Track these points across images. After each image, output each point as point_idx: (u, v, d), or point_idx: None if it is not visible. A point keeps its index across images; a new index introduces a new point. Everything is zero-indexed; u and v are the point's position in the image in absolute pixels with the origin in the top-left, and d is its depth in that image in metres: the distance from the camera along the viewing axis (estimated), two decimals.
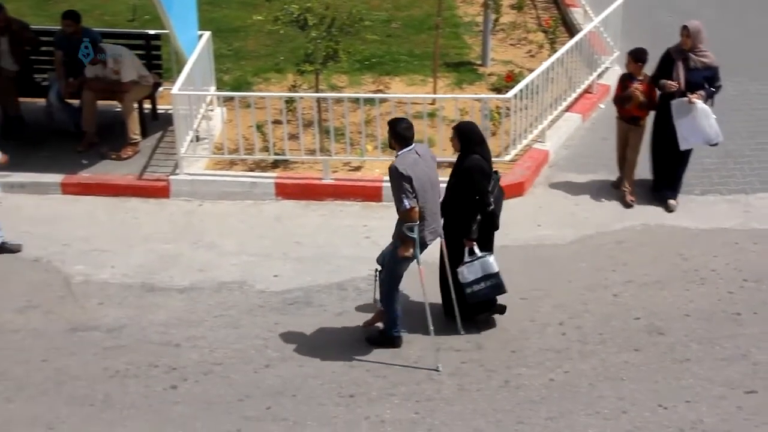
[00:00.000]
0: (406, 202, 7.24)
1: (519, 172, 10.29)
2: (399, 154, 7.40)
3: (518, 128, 10.43)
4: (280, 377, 7.61)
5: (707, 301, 8.49)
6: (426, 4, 14.34)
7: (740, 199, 10.07)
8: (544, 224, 9.65)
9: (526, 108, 10.46)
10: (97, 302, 8.50)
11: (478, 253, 7.75)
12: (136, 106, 10.76)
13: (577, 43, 11.29)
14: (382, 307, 7.91)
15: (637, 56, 9.63)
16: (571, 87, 11.45)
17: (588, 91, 11.89)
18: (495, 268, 7.77)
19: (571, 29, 13.45)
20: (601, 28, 12.16)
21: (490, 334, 8.07)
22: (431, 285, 7.92)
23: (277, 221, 9.77)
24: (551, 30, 13.47)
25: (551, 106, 11.03)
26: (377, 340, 7.93)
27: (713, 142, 9.65)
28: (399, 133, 7.41)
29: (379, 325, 8.04)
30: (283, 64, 12.49)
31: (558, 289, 8.65)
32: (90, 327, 8.18)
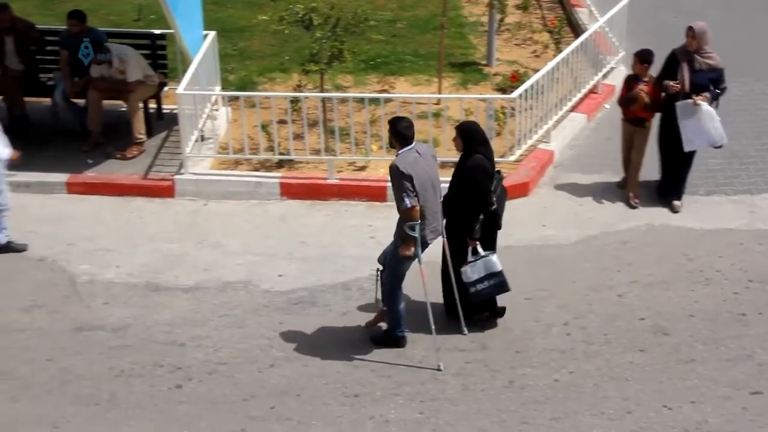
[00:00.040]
0: (407, 201, 7.24)
1: (524, 172, 10.28)
2: (399, 153, 7.40)
3: (523, 128, 10.42)
4: (284, 377, 7.62)
5: (712, 301, 8.48)
6: (431, 4, 14.34)
7: (745, 200, 10.05)
8: (549, 224, 9.64)
9: (531, 108, 10.46)
10: (102, 302, 8.52)
11: (481, 252, 7.75)
12: (142, 105, 10.77)
13: (582, 43, 11.27)
14: (385, 307, 7.92)
15: (643, 57, 9.60)
16: (576, 87, 11.44)
17: (593, 91, 11.88)
18: (498, 267, 7.77)
19: (577, 29, 13.44)
20: (607, 29, 12.14)
21: (495, 335, 8.07)
22: (433, 284, 7.91)
23: (282, 221, 9.78)
24: (556, 30, 13.45)
25: (556, 106, 11.02)
26: (381, 340, 7.93)
27: (717, 145, 9.62)
28: (399, 132, 7.41)
29: (381, 325, 8.04)
30: (288, 64, 12.50)
31: (563, 289, 8.64)
32: (95, 326, 8.19)
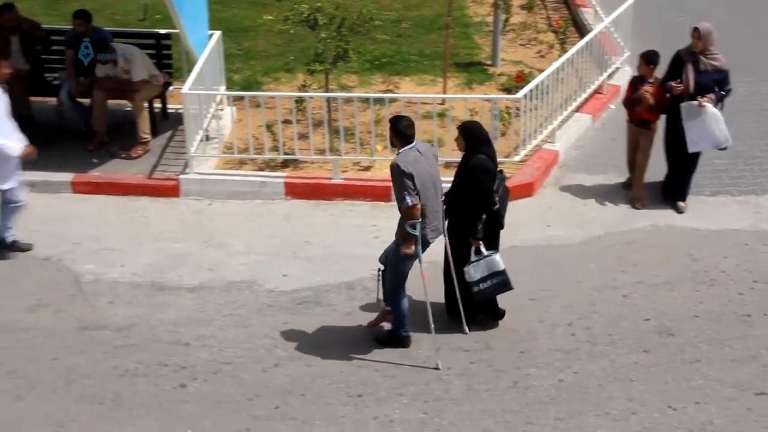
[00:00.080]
0: (408, 200, 7.25)
1: (528, 172, 10.27)
2: (400, 152, 7.41)
3: (528, 128, 10.41)
4: (288, 376, 7.62)
5: (717, 302, 8.47)
6: (436, 4, 14.34)
7: (750, 200, 10.03)
8: (554, 225, 9.63)
9: (536, 108, 10.45)
10: (107, 301, 8.53)
11: (484, 252, 7.75)
12: (147, 105, 10.79)
13: (587, 43, 11.27)
14: (387, 306, 7.92)
15: (649, 58, 9.58)
16: (581, 87, 11.43)
17: (598, 91, 11.86)
18: (501, 266, 7.77)
19: (582, 29, 13.42)
20: (612, 29, 12.12)
21: (499, 335, 8.07)
22: (435, 284, 7.92)
23: (287, 221, 9.78)
24: (561, 30, 13.45)
25: (561, 106, 11.00)
26: (386, 340, 7.93)
27: (722, 146, 9.59)
28: (400, 131, 7.42)
29: (383, 325, 8.05)
30: (293, 64, 12.50)
31: (567, 289, 8.63)
32: (100, 326, 8.20)
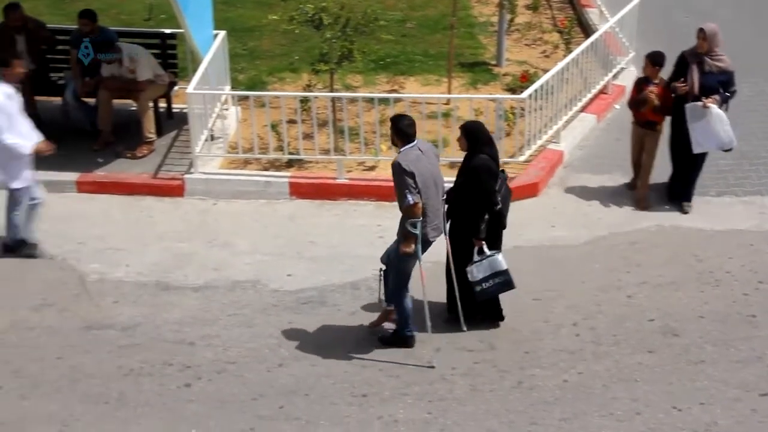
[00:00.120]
0: (410, 198, 7.25)
1: (533, 172, 10.27)
2: (402, 151, 7.42)
3: (533, 129, 10.41)
4: (293, 376, 7.62)
5: (722, 302, 8.46)
6: (441, 4, 14.33)
7: (756, 201, 10.02)
8: (558, 225, 9.63)
9: (541, 108, 10.45)
10: (112, 300, 8.54)
11: (487, 252, 7.75)
12: (152, 105, 10.80)
13: (592, 43, 11.25)
14: (390, 307, 7.93)
15: (655, 59, 9.55)
16: (586, 87, 11.42)
17: (603, 91, 11.85)
18: (504, 266, 7.76)
19: (587, 30, 13.42)
20: (617, 29, 12.11)
21: (503, 335, 8.06)
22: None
23: (291, 220, 9.79)
24: (566, 30, 13.43)
25: (566, 106, 11.00)
26: (390, 340, 7.93)
27: (727, 148, 9.57)
28: (401, 130, 7.43)
29: (385, 326, 8.05)
30: (298, 64, 12.51)
31: (572, 290, 8.63)
32: (105, 325, 8.21)
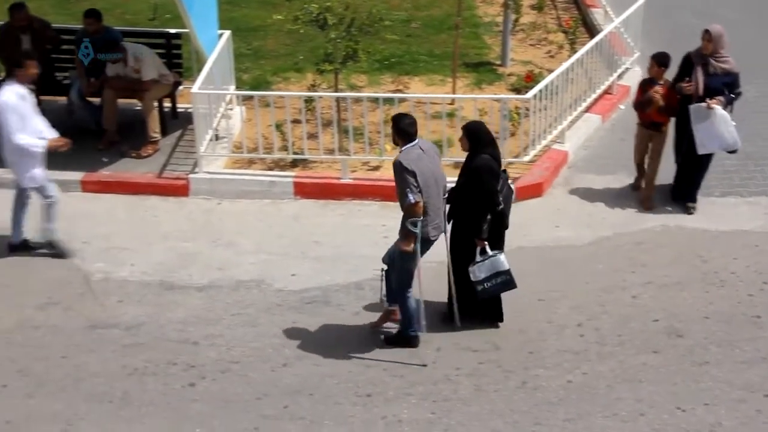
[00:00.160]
0: (411, 197, 7.25)
1: (538, 172, 10.26)
2: (403, 150, 7.42)
3: (537, 129, 10.40)
4: (297, 376, 7.63)
5: (727, 303, 8.45)
6: (446, 4, 14.33)
7: (761, 201, 10.00)
8: (563, 225, 9.62)
9: (546, 108, 10.43)
10: (117, 300, 8.55)
11: (489, 252, 7.75)
12: (156, 104, 10.81)
13: (597, 43, 11.24)
14: (391, 306, 7.93)
15: (661, 60, 9.52)
16: (590, 88, 11.41)
17: (608, 92, 11.84)
18: (505, 266, 7.75)
19: (592, 30, 13.41)
20: (622, 29, 12.10)
21: (508, 335, 8.06)
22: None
23: (296, 220, 9.79)
24: (571, 30, 13.43)
25: (571, 106, 10.99)
26: (394, 340, 7.93)
27: (731, 149, 9.54)
28: (402, 129, 7.44)
29: (386, 326, 8.05)
30: (303, 64, 12.52)
31: (576, 290, 8.62)
32: (109, 324, 8.22)
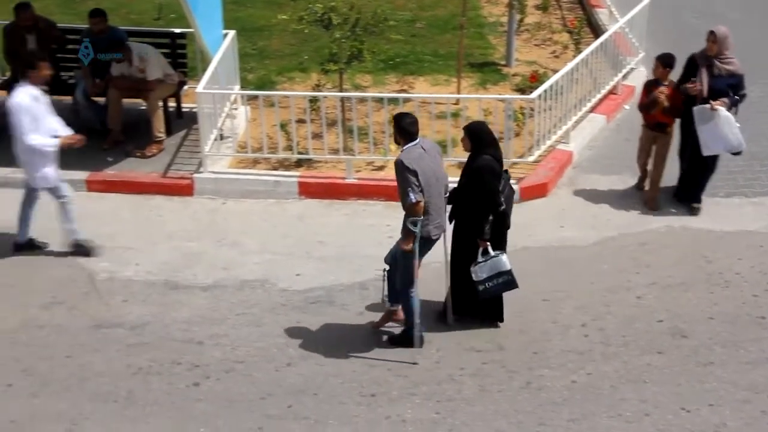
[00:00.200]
0: (412, 196, 7.25)
1: (542, 173, 10.26)
2: (404, 149, 7.42)
3: (542, 129, 10.40)
4: (301, 376, 7.63)
5: (731, 304, 8.44)
6: (450, 4, 14.34)
7: (765, 202, 9.99)
8: (567, 225, 9.61)
9: (550, 109, 10.43)
10: (121, 299, 8.56)
11: (491, 253, 7.75)
12: (161, 104, 10.82)
13: (602, 43, 11.23)
14: (393, 307, 7.93)
15: (666, 61, 9.51)
16: (595, 88, 11.40)
17: (612, 92, 11.84)
18: (507, 266, 7.74)
19: (596, 30, 13.40)
20: (627, 29, 12.09)
21: (512, 336, 8.06)
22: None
23: (300, 220, 9.79)
24: (576, 31, 13.42)
25: (575, 107, 10.99)
26: (398, 340, 7.93)
27: (735, 151, 9.53)
28: (403, 128, 7.44)
29: (388, 326, 8.05)
30: (307, 64, 12.53)
31: (580, 290, 8.61)
32: (114, 324, 8.23)
